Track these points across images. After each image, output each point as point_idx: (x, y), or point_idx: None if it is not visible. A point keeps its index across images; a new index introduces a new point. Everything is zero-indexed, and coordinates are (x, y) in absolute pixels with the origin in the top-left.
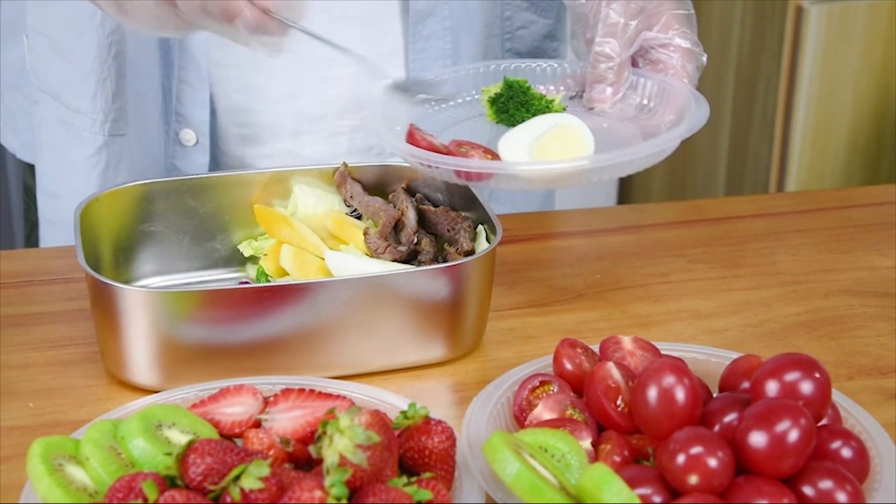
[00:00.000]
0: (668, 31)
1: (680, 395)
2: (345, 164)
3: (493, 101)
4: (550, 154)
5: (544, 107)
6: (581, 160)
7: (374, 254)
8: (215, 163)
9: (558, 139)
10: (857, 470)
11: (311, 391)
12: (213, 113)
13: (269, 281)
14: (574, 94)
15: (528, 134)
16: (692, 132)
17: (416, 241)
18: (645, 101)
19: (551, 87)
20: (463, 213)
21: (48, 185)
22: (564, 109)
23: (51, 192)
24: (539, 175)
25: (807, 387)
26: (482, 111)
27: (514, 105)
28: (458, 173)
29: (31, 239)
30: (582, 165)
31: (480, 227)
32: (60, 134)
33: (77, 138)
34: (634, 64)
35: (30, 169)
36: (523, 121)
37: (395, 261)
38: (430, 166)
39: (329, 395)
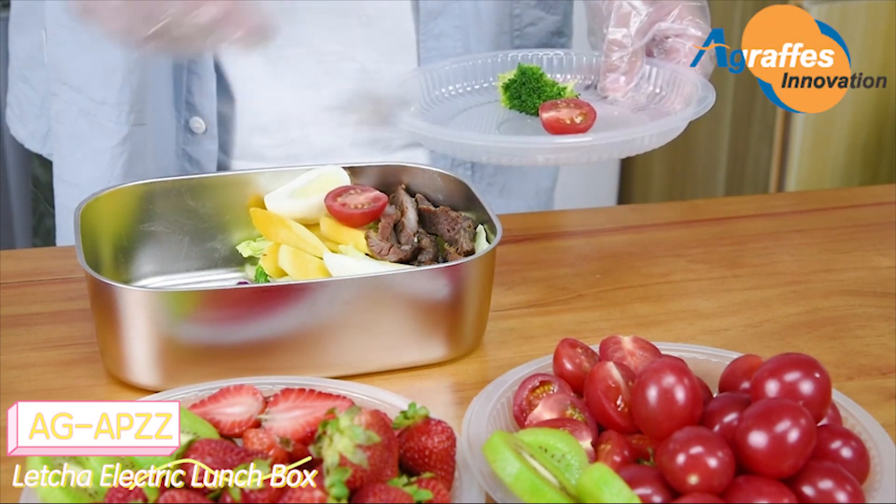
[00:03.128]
0: (682, 21)
1: (680, 395)
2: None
3: (507, 87)
4: (312, 195)
5: (556, 94)
6: (586, 137)
7: (377, 256)
8: (224, 151)
9: (318, 183)
10: (857, 470)
11: (311, 391)
12: (228, 101)
13: (269, 281)
14: (589, 83)
15: (293, 184)
16: (698, 115)
17: (416, 240)
18: (657, 90)
19: (567, 76)
20: (463, 213)
21: (68, 176)
22: (577, 96)
23: (71, 183)
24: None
25: (807, 387)
26: (497, 97)
27: (526, 91)
28: None
29: (40, 230)
30: (586, 142)
31: (480, 227)
32: (81, 125)
33: (99, 129)
34: (650, 54)
35: (38, 159)
36: (535, 107)
37: (398, 261)
38: None
39: (329, 395)
